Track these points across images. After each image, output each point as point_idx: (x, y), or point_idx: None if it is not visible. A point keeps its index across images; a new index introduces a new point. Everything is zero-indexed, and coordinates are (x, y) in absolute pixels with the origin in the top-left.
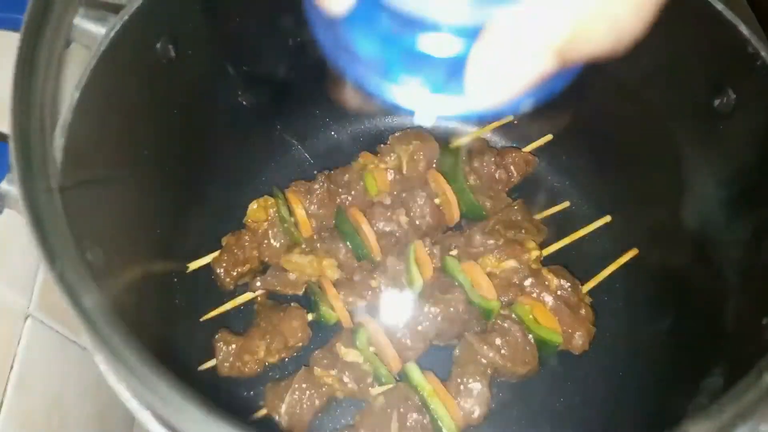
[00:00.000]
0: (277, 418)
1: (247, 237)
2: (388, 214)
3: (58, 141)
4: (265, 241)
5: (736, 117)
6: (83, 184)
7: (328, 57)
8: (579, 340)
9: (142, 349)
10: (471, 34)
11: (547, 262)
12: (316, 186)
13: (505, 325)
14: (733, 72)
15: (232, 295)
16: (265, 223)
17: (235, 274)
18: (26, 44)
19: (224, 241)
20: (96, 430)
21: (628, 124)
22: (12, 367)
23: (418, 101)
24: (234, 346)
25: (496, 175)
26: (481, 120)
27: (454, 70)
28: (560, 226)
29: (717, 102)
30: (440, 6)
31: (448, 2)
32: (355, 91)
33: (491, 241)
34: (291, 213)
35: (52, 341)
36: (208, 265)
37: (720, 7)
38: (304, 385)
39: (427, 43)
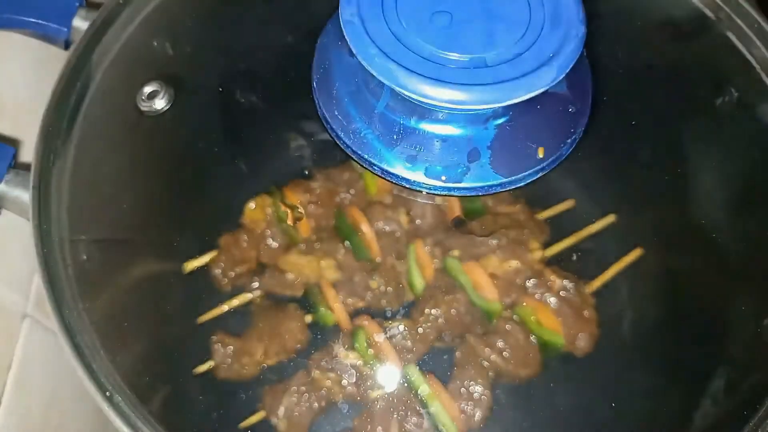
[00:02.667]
0: (275, 421)
1: (244, 237)
2: (389, 213)
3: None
4: (263, 242)
5: (738, 116)
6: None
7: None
8: (582, 343)
9: None
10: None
11: (550, 262)
12: (315, 185)
13: (507, 326)
14: (735, 71)
15: (230, 296)
16: (263, 223)
17: (232, 275)
18: None
19: (221, 241)
20: (94, 430)
21: (631, 122)
22: (10, 368)
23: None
24: (231, 348)
25: None
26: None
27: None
28: (563, 225)
29: (719, 101)
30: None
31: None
32: None
33: (493, 242)
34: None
35: (50, 341)
36: (205, 266)
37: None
38: (302, 388)
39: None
